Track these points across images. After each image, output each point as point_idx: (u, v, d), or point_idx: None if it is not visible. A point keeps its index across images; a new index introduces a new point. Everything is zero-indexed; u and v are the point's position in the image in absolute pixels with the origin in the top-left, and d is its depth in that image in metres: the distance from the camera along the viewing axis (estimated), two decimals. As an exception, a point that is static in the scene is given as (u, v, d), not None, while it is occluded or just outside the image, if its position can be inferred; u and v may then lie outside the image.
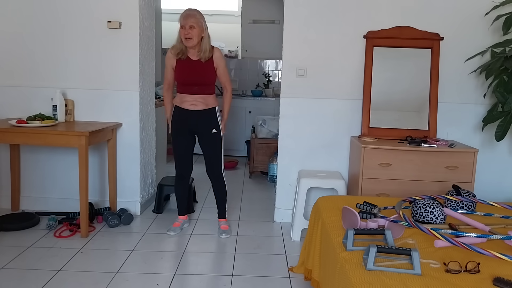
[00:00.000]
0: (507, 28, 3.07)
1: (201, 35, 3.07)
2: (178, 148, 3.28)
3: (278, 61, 6.48)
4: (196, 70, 3.13)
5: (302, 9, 3.44)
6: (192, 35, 3.03)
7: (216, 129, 3.24)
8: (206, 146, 3.27)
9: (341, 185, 3.26)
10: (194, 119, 3.20)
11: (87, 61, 3.55)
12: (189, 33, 3.02)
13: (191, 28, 3.02)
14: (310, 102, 3.54)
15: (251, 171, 5.14)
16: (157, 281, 2.60)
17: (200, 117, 3.19)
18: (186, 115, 3.20)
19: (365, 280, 1.59)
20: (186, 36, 3.03)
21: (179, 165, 3.34)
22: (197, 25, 3.03)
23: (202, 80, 3.15)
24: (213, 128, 3.23)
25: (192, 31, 3.02)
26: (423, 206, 2.22)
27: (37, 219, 3.43)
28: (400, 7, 3.40)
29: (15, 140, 3.26)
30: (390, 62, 3.42)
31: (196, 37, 3.04)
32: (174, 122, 3.25)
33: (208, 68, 3.14)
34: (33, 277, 2.58)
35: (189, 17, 3.04)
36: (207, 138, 3.25)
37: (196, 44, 3.07)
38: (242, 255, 3.00)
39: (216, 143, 3.26)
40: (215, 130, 3.23)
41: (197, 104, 3.17)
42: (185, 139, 3.26)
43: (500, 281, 1.57)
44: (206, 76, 3.15)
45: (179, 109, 3.21)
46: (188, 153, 3.32)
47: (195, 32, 3.03)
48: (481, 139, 3.50)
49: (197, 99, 3.16)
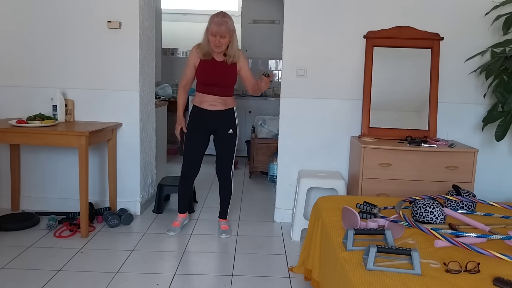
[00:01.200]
0: (507, 28, 3.07)
1: (230, 39, 3.05)
2: (190, 147, 3.26)
3: (278, 61, 6.48)
4: (219, 71, 3.12)
5: (302, 9, 3.44)
6: (222, 44, 3.01)
7: (233, 130, 3.24)
8: (221, 145, 3.27)
9: (341, 185, 3.26)
10: (212, 119, 3.19)
11: (87, 61, 3.56)
12: (220, 42, 3.00)
13: (222, 37, 2.99)
14: (310, 102, 3.54)
15: (251, 171, 5.14)
16: (157, 281, 2.60)
17: (218, 117, 3.19)
18: (204, 115, 3.19)
19: (365, 280, 1.59)
20: (216, 44, 3.01)
21: (187, 164, 3.30)
22: (228, 33, 3.01)
23: (225, 82, 3.14)
24: (231, 128, 3.23)
25: (223, 41, 3.00)
26: (423, 206, 2.22)
27: (37, 219, 3.43)
28: (400, 7, 3.40)
29: (15, 140, 3.26)
30: (390, 62, 3.42)
31: (225, 45, 3.04)
32: (191, 121, 3.24)
33: (232, 70, 3.14)
34: (33, 277, 2.58)
35: (222, 25, 2.98)
36: (223, 138, 3.24)
37: (225, 48, 3.06)
38: (242, 255, 3.00)
39: (231, 144, 3.26)
40: (232, 131, 3.23)
41: (216, 105, 3.16)
42: (199, 139, 3.25)
43: (500, 281, 1.57)
44: (229, 79, 3.16)
45: (198, 109, 3.20)
46: (198, 154, 3.30)
47: (225, 41, 3.02)
48: (481, 139, 3.50)
49: (217, 100, 3.15)
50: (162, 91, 6.07)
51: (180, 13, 6.73)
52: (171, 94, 6.24)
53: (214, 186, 4.68)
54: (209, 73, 3.14)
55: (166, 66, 6.46)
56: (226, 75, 3.14)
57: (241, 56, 3.16)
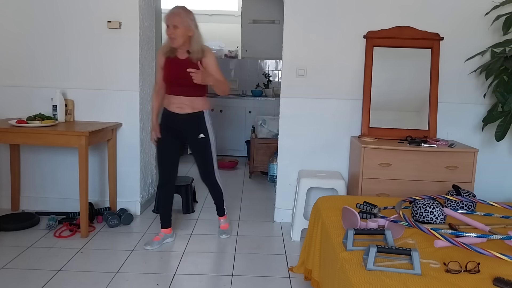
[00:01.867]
0: (507, 28, 3.07)
1: (188, 34, 2.88)
2: (160, 153, 3.11)
3: (278, 61, 6.48)
4: (182, 69, 2.90)
5: (302, 9, 3.44)
6: (176, 35, 2.84)
7: (204, 134, 3.05)
8: (194, 152, 3.13)
9: (341, 185, 3.26)
10: (180, 123, 3.02)
11: (87, 61, 3.55)
12: (172, 33, 2.84)
13: (175, 28, 2.83)
14: (310, 102, 3.54)
15: (251, 171, 5.14)
16: (157, 281, 2.60)
17: (186, 121, 3.01)
18: (171, 117, 3.03)
19: (365, 280, 1.59)
20: (169, 35, 2.86)
21: (160, 171, 3.13)
22: (182, 24, 2.83)
23: (188, 80, 2.88)
24: (201, 132, 3.04)
25: (176, 31, 2.83)
26: (423, 206, 2.22)
27: (37, 219, 3.43)
28: (400, 7, 3.40)
29: (15, 140, 3.26)
30: (390, 62, 3.41)
31: (181, 37, 2.86)
32: (161, 125, 3.08)
33: (196, 68, 2.90)
34: (33, 277, 2.58)
35: (172, 16, 2.84)
36: (195, 144, 3.09)
37: (182, 44, 2.89)
38: (242, 255, 3.00)
39: (204, 149, 3.09)
40: (202, 135, 3.04)
41: (183, 107, 2.98)
42: (168, 145, 3.08)
43: (500, 281, 1.57)
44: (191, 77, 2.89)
45: (166, 112, 3.05)
46: (168, 161, 3.10)
47: (179, 32, 2.84)
48: (481, 139, 3.50)
49: (184, 101, 2.98)
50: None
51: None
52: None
53: (214, 186, 4.68)
54: (171, 71, 2.98)
55: (166, 66, 6.45)
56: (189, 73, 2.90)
57: (208, 54, 2.98)
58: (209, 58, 2.98)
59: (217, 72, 3.01)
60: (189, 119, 3.01)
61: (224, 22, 6.75)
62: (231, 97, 6.26)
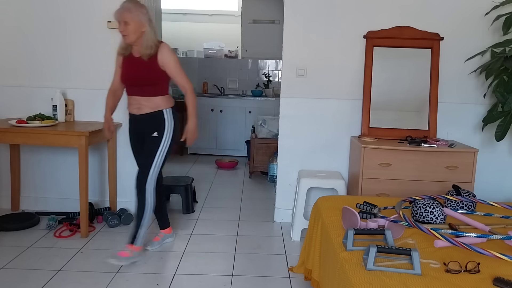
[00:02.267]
0: (507, 28, 3.07)
1: (140, 30, 2.68)
2: (135, 157, 2.98)
3: (278, 61, 6.49)
4: (136, 68, 2.76)
5: (302, 9, 3.44)
6: (127, 32, 2.66)
7: (159, 133, 2.81)
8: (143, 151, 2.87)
9: (341, 185, 3.26)
10: (140, 125, 2.85)
11: (87, 61, 3.55)
12: (124, 29, 2.66)
13: (126, 24, 2.65)
14: (310, 102, 3.54)
15: (251, 171, 5.14)
16: (157, 281, 2.60)
17: (145, 121, 2.82)
18: (133, 120, 2.89)
19: (365, 280, 1.59)
20: (121, 32, 2.69)
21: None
22: (133, 20, 2.64)
23: (143, 79, 2.75)
24: (155, 131, 2.81)
25: (127, 28, 2.65)
26: (423, 206, 2.22)
27: (37, 219, 3.43)
28: (400, 7, 3.40)
29: (15, 140, 3.26)
30: (390, 62, 3.42)
31: (133, 34, 2.67)
32: (129, 128, 2.97)
33: (151, 66, 2.74)
34: (33, 277, 2.58)
35: (122, 11, 2.66)
36: (146, 142, 2.85)
37: (135, 40, 2.71)
38: (242, 255, 3.00)
39: (151, 148, 2.81)
40: (156, 134, 2.80)
41: (141, 108, 2.80)
42: (134, 147, 2.95)
43: (500, 281, 1.57)
44: (147, 76, 2.76)
45: (129, 114, 2.90)
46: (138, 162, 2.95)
47: (130, 28, 2.65)
48: (481, 139, 3.50)
49: (141, 101, 2.79)
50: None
51: (180, 13, 6.73)
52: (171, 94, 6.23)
53: (214, 186, 4.68)
54: (125, 71, 2.82)
55: (166, 66, 6.45)
56: (143, 71, 2.75)
57: (165, 51, 2.75)
58: (165, 56, 2.75)
59: (177, 73, 2.80)
60: (148, 119, 2.82)
61: (224, 22, 6.76)
62: (231, 97, 6.27)
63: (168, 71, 2.78)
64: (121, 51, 2.83)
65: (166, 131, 2.84)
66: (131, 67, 2.80)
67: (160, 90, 2.83)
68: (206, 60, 6.70)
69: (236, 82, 6.69)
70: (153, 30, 2.75)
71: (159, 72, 2.77)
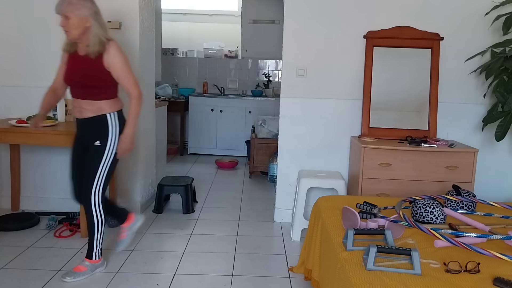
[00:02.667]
0: (507, 28, 3.07)
1: (84, 25, 2.41)
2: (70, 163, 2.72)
3: (278, 61, 6.49)
4: (79, 68, 2.51)
5: (302, 9, 3.44)
6: (68, 27, 2.41)
7: (101, 142, 2.53)
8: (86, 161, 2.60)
9: (341, 185, 3.26)
10: (82, 130, 2.62)
11: (87, 61, 3.55)
12: (64, 24, 2.41)
13: (67, 18, 2.39)
14: (310, 102, 3.54)
15: (251, 171, 5.14)
16: (157, 281, 2.60)
17: (87, 126, 2.58)
18: (76, 123, 2.65)
19: (365, 280, 1.59)
20: (62, 27, 2.43)
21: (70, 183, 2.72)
22: (74, 14, 2.37)
23: (85, 81, 2.51)
24: (98, 139, 2.54)
25: (68, 22, 2.40)
26: (423, 206, 2.22)
27: (37, 219, 3.43)
28: (400, 7, 3.40)
29: (15, 140, 3.26)
30: (390, 62, 3.42)
31: (75, 29, 2.41)
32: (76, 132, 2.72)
33: (96, 66, 2.48)
34: (33, 277, 2.58)
35: (62, 4, 2.40)
36: (89, 152, 2.58)
37: (78, 37, 2.45)
38: (242, 255, 3.00)
39: (94, 159, 2.55)
40: (98, 143, 2.54)
41: (82, 111, 2.55)
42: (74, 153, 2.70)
43: (500, 281, 1.57)
44: (90, 77, 2.50)
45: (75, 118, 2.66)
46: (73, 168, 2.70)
47: (72, 23, 2.39)
48: (481, 139, 3.50)
49: (83, 104, 2.53)
50: (162, 91, 6.08)
51: (180, 13, 6.74)
52: (171, 94, 6.25)
53: (214, 186, 4.68)
54: (68, 70, 2.56)
55: (166, 66, 6.46)
56: (86, 72, 2.49)
57: (112, 50, 2.48)
58: (111, 55, 2.48)
59: (123, 76, 2.53)
60: (90, 124, 2.57)
61: (224, 22, 6.76)
62: (231, 97, 6.27)
63: (113, 73, 2.51)
64: (66, 48, 2.57)
65: (110, 139, 2.55)
66: (74, 67, 2.54)
67: (105, 93, 2.55)
68: (206, 60, 6.70)
69: (236, 82, 6.69)
70: (100, 25, 2.47)
71: (105, 73, 2.50)
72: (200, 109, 6.16)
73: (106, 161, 2.56)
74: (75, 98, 2.58)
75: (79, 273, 2.59)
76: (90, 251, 2.66)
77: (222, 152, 6.18)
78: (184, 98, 6.29)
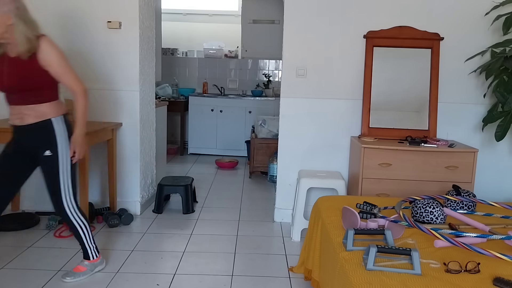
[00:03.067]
0: (507, 28, 3.07)
1: (6, 23, 2.18)
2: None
3: (278, 61, 6.49)
4: (12, 71, 2.26)
5: (302, 9, 3.44)
6: None
7: (52, 151, 2.36)
8: (42, 174, 2.44)
9: (341, 185, 3.26)
10: (25, 138, 2.38)
11: (87, 61, 3.55)
12: None
13: None
14: (310, 102, 3.54)
15: (251, 171, 5.14)
16: (157, 281, 2.60)
17: (31, 134, 2.36)
18: (15, 131, 2.41)
19: (365, 280, 1.59)
20: None
21: None
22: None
23: (21, 84, 2.27)
24: (47, 149, 2.36)
25: None
26: (423, 206, 2.22)
27: (37, 219, 3.44)
28: (400, 7, 3.40)
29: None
30: (390, 62, 3.42)
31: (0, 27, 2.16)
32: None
33: (30, 67, 2.26)
34: (33, 277, 2.58)
35: None
36: (41, 164, 2.41)
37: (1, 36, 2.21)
38: (242, 255, 3.00)
39: (51, 170, 2.39)
40: (49, 152, 2.36)
41: (23, 117, 2.32)
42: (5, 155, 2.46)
43: (500, 281, 1.57)
44: (26, 79, 2.27)
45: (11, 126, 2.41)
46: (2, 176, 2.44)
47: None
48: (481, 139, 3.50)
49: (23, 110, 2.31)
50: (162, 91, 6.08)
51: (180, 13, 6.74)
52: (171, 94, 6.25)
53: (214, 186, 4.68)
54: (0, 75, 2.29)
55: (166, 66, 6.47)
56: (21, 74, 2.26)
57: (44, 46, 2.26)
58: (45, 52, 2.26)
59: (62, 72, 2.34)
60: (34, 130, 2.36)
61: (224, 22, 6.76)
62: (231, 97, 6.27)
63: (52, 71, 2.31)
64: None
65: (60, 146, 2.38)
66: (5, 71, 2.27)
67: (46, 96, 2.35)
68: (206, 60, 6.70)
69: (236, 82, 6.69)
70: (26, 22, 2.23)
71: (42, 73, 2.29)
72: (200, 109, 6.16)
73: (63, 168, 2.41)
74: (12, 105, 2.34)
75: (79, 273, 2.59)
76: (85, 252, 2.64)
77: (222, 152, 6.18)
78: (184, 98, 6.30)
